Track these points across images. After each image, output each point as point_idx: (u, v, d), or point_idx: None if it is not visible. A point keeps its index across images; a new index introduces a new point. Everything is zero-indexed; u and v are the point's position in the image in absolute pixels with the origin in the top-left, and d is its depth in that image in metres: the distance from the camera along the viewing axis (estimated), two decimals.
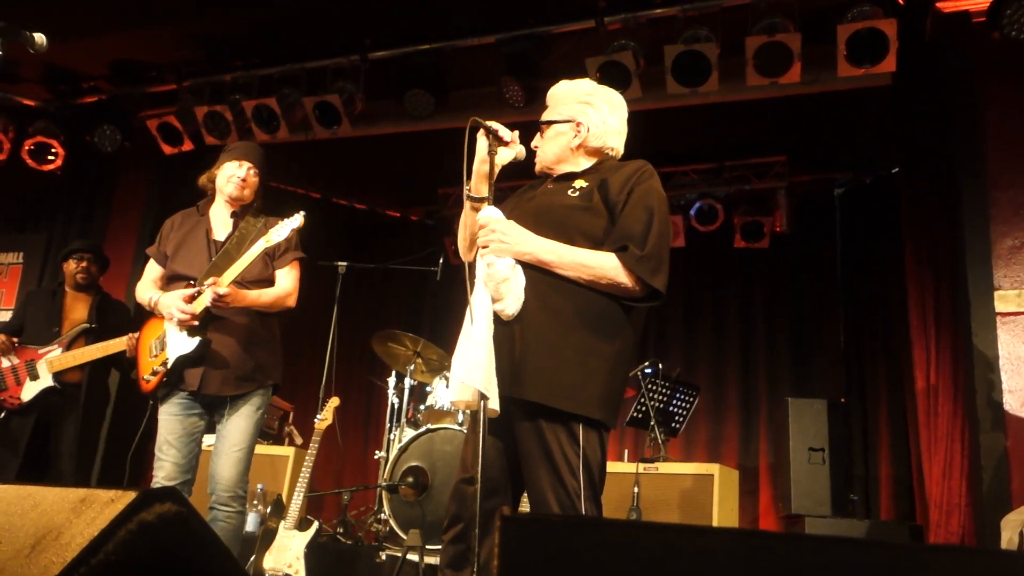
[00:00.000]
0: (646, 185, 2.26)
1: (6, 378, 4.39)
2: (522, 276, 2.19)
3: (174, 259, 3.32)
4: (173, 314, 3.12)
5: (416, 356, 5.24)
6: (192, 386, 3.13)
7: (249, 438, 3.17)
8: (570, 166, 2.42)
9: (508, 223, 2.23)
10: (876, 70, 4.34)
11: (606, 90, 2.47)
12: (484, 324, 2.11)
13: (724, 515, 4.47)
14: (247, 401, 3.20)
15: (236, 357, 3.18)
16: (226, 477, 3.09)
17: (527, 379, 2.12)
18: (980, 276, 4.20)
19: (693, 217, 6.82)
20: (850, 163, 6.65)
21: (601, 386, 2.14)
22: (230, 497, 3.09)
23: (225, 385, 3.16)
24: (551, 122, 2.44)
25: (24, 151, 6.09)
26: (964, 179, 4.38)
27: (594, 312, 2.18)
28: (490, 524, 2.18)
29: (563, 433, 2.10)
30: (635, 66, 4.71)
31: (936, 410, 4.54)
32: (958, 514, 4.23)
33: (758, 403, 6.67)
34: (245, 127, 5.63)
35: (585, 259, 2.17)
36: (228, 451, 3.12)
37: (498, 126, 2.35)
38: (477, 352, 2.07)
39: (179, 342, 3.16)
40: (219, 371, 3.14)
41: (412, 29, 5.24)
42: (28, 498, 1.52)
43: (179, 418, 3.15)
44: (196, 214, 3.45)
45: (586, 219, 2.24)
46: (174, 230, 3.41)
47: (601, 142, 2.41)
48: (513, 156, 2.39)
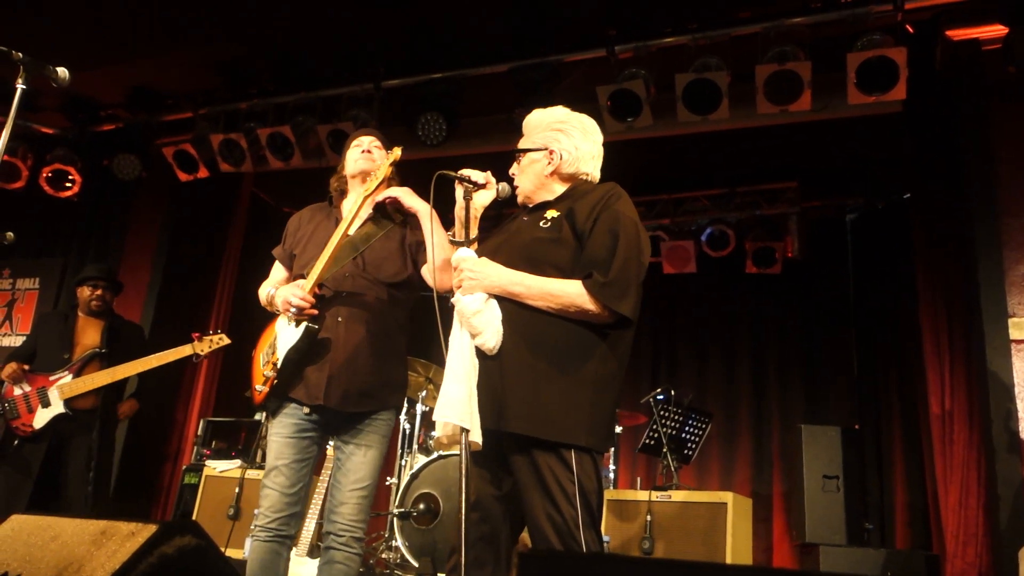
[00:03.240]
0: (612, 210, 2.26)
1: (18, 406, 4.41)
2: (497, 310, 2.21)
3: (301, 257, 2.91)
4: (290, 301, 2.71)
5: (428, 382, 5.24)
6: (314, 399, 2.72)
7: (375, 472, 2.78)
8: (546, 193, 2.44)
9: (478, 260, 2.26)
10: (886, 98, 4.36)
11: (579, 116, 2.49)
12: (459, 360, 2.15)
13: (738, 544, 4.43)
14: (373, 428, 2.79)
15: (361, 368, 2.75)
16: (348, 515, 2.71)
17: (511, 412, 2.13)
18: (993, 303, 4.18)
19: (704, 243, 6.83)
20: (862, 189, 6.65)
21: (586, 413, 2.15)
22: (352, 538, 2.71)
23: (346, 400, 2.73)
24: (525, 150, 2.47)
25: (42, 178, 6.16)
26: (976, 206, 4.38)
27: (572, 341, 2.19)
28: (486, 552, 2.20)
29: (555, 462, 2.11)
30: (646, 94, 4.75)
31: (952, 437, 4.50)
32: (975, 544, 4.18)
33: (771, 430, 6.63)
34: (260, 154, 5.70)
35: (552, 288, 2.19)
36: (352, 487, 2.73)
37: (469, 172, 2.38)
38: (453, 388, 2.11)
39: (288, 336, 2.77)
40: (342, 380, 2.72)
41: (425, 58, 5.30)
42: (48, 529, 1.52)
43: (291, 441, 2.76)
44: (327, 207, 3.03)
45: (555, 251, 2.26)
46: (301, 226, 3.02)
47: (574, 168, 2.43)
48: (494, 195, 2.43)
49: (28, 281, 6.70)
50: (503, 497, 2.24)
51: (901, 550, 5.44)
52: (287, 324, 2.78)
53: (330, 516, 2.74)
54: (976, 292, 4.25)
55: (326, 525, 2.75)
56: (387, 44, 5.26)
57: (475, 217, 2.39)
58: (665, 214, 6.91)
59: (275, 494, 2.70)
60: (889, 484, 5.97)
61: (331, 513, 2.74)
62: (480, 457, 2.21)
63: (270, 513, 2.70)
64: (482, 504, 2.23)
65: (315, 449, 2.81)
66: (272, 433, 2.80)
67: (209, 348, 4.31)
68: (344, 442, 2.79)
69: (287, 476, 2.72)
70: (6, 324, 6.64)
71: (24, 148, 6.18)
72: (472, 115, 5.47)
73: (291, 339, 2.74)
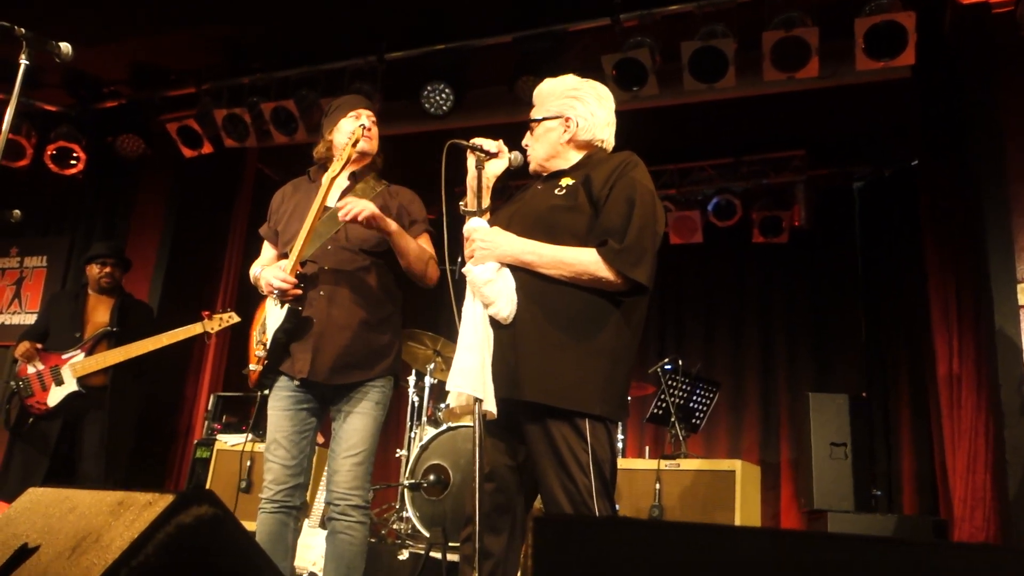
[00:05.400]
0: (628, 178, 2.25)
1: (32, 384, 4.46)
2: (510, 279, 2.20)
3: (284, 234, 2.90)
4: (272, 284, 2.73)
5: (436, 355, 5.26)
6: (299, 372, 2.74)
7: (369, 439, 2.77)
8: (561, 162, 2.43)
9: (489, 229, 2.25)
10: (895, 63, 4.31)
11: (592, 83, 2.48)
12: (472, 330, 2.15)
13: (746, 511, 4.47)
14: (364, 396, 2.78)
15: (349, 338, 2.75)
16: (343, 484, 2.71)
17: (526, 381, 2.13)
18: (1002, 270, 4.17)
19: (711, 213, 6.80)
20: (869, 156, 6.60)
21: (600, 381, 2.15)
22: (349, 506, 2.71)
23: (335, 373, 2.74)
24: (540, 120, 2.45)
25: (47, 156, 6.16)
26: (984, 172, 4.35)
27: (586, 309, 2.19)
28: (500, 521, 2.22)
29: (569, 431, 2.11)
30: (651, 63, 4.71)
31: (960, 403, 4.51)
32: (983, 508, 4.20)
33: (778, 398, 6.65)
34: (263, 129, 5.68)
35: (565, 256, 2.19)
36: (345, 454, 2.73)
37: (481, 141, 2.37)
38: (466, 357, 2.12)
39: (275, 316, 2.79)
40: (328, 354, 2.73)
41: (428, 29, 5.26)
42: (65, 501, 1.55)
43: (288, 413, 2.78)
44: (307, 181, 3.01)
45: (571, 218, 2.25)
46: (284, 202, 3.00)
47: (591, 135, 2.42)
48: (506, 165, 2.42)
49: (36, 259, 6.72)
50: (517, 467, 2.26)
51: (909, 515, 5.48)
52: (274, 304, 2.81)
53: (328, 487, 2.76)
54: (985, 258, 4.24)
55: (326, 496, 2.78)
56: (390, 16, 5.22)
57: (487, 187, 2.38)
58: (671, 184, 6.88)
59: (277, 467, 2.75)
60: (897, 451, 5.99)
61: (328, 483, 2.77)
62: (494, 427, 2.22)
63: (274, 486, 2.74)
64: (497, 474, 2.24)
65: (314, 421, 2.84)
66: (269, 408, 2.82)
67: (219, 326, 4.34)
68: (338, 411, 2.81)
69: (287, 449, 2.76)
70: (15, 302, 6.67)
71: (28, 126, 6.17)
72: (476, 87, 5.43)
73: (278, 319, 2.77)
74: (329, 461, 2.78)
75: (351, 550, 2.71)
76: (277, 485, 2.74)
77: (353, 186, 2.92)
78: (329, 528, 2.75)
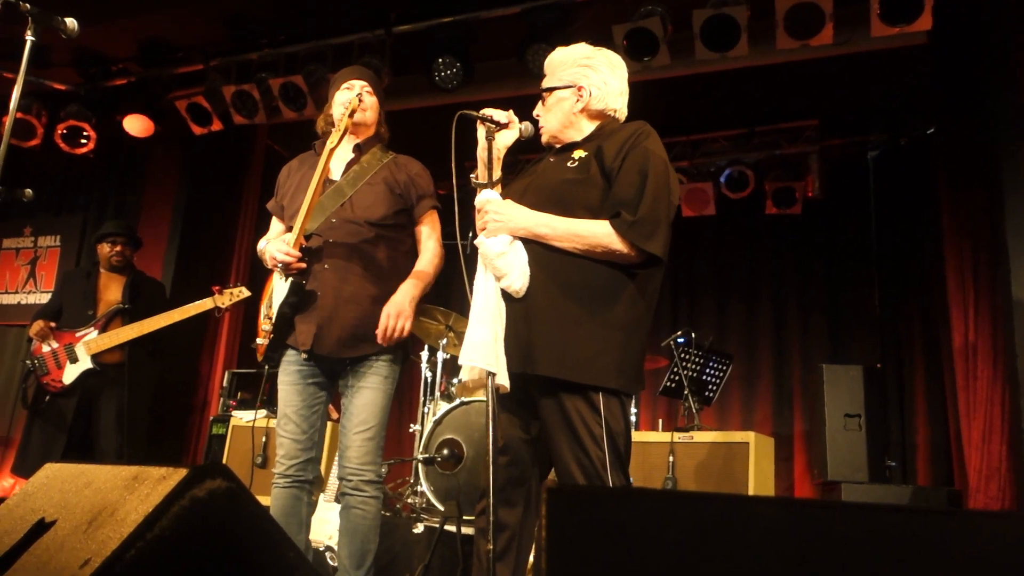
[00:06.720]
0: (640, 148, 2.22)
1: (47, 362, 4.49)
2: (523, 252, 2.19)
3: (289, 208, 2.89)
4: (275, 257, 2.71)
5: (448, 330, 5.26)
6: (303, 344, 2.73)
7: (380, 414, 2.75)
8: (573, 132, 2.39)
9: (502, 202, 2.24)
10: (911, 28, 4.24)
11: (605, 52, 2.44)
12: (484, 303, 2.14)
13: (759, 483, 4.47)
14: (374, 371, 2.77)
15: (355, 311, 2.74)
16: (354, 459, 2.70)
17: (539, 355, 2.12)
18: (1020, 238, 4.12)
19: (723, 184, 6.74)
20: (884, 125, 6.52)
21: (615, 355, 2.14)
22: (362, 481, 2.70)
23: (342, 345, 2.73)
24: (552, 88, 2.42)
25: (57, 135, 6.16)
26: (1003, 139, 4.28)
27: (600, 282, 2.17)
28: (515, 494, 2.22)
29: (583, 404, 2.10)
30: (663, 32, 4.65)
31: (975, 374, 4.48)
32: (998, 479, 4.19)
33: (791, 370, 6.63)
34: (272, 105, 5.66)
35: (579, 229, 2.16)
36: (356, 429, 2.72)
37: (492, 111, 2.34)
38: (478, 331, 2.11)
39: (280, 290, 2.77)
40: (335, 327, 2.72)
41: (436, 1, 5.20)
42: (81, 476, 1.56)
43: (297, 388, 2.78)
44: (313, 155, 2.99)
45: (584, 191, 2.22)
46: (290, 176, 2.99)
47: (603, 104, 2.38)
48: (517, 135, 2.39)
49: (50, 239, 6.76)
50: (531, 440, 2.26)
51: (923, 486, 5.47)
52: (279, 279, 2.80)
53: (340, 463, 2.76)
54: (1002, 227, 4.18)
55: (338, 472, 2.78)
56: None
57: (498, 158, 2.35)
58: (683, 156, 6.82)
59: (288, 442, 2.75)
60: (911, 422, 5.98)
61: (340, 459, 2.76)
62: (508, 401, 2.21)
63: (286, 461, 2.75)
64: (511, 447, 2.24)
65: (323, 395, 2.83)
66: (279, 382, 2.82)
67: (230, 301, 4.35)
68: (347, 386, 2.80)
69: (297, 423, 2.75)
70: (30, 282, 6.72)
71: (38, 105, 6.17)
72: (484, 60, 5.38)
73: (283, 293, 2.76)
74: (340, 438, 2.77)
75: (364, 524, 2.71)
76: (289, 460, 2.75)
77: (358, 158, 2.91)
78: (343, 503, 2.75)
